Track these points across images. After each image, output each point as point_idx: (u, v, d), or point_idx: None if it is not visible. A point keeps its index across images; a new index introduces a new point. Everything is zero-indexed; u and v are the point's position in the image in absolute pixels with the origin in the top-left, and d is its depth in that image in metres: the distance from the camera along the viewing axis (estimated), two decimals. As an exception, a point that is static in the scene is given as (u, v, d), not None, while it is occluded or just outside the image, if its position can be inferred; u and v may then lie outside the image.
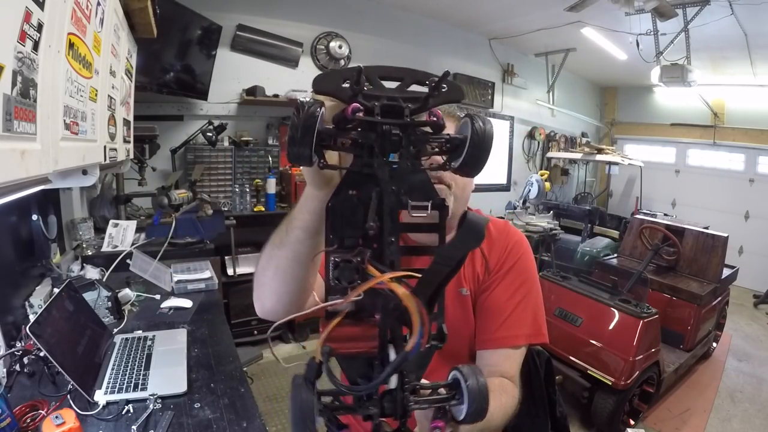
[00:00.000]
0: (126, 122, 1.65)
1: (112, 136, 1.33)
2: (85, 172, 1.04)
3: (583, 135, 6.45)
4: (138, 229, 2.23)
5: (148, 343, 1.28)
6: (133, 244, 2.12)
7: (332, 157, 0.48)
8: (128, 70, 1.66)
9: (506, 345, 0.83)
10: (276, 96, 3.25)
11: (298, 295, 0.65)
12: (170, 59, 2.76)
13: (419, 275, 0.39)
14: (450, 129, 0.53)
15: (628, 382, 2.16)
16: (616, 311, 2.36)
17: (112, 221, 2.18)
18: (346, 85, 0.42)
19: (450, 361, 0.83)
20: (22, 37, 0.58)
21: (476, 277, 0.87)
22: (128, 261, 1.89)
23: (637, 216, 3.89)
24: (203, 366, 1.20)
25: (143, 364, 1.16)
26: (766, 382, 3.01)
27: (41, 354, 1.03)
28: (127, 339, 1.30)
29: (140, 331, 1.38)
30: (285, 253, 0.60)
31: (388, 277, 0.35)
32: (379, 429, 0.39)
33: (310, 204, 0.55)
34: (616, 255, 3.65)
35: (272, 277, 0.64)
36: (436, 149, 0.45)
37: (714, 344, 3.33)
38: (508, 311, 0.84)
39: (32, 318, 1.15)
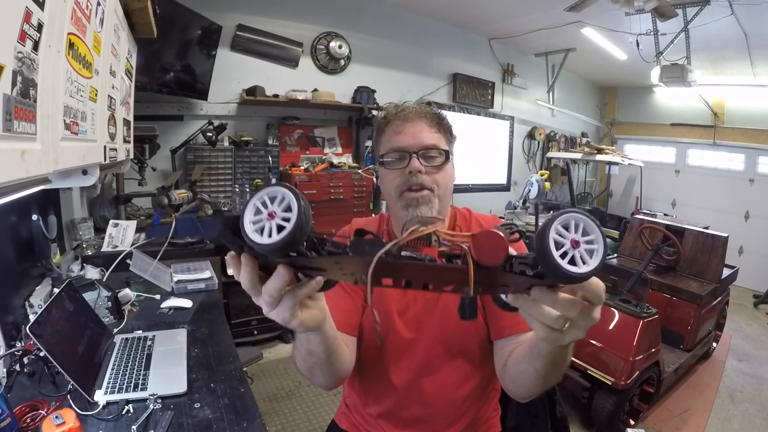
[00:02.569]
0: (126, 122, 1.65)
1: (112, 136, 1.33)
2: (85, 172, 1.04)
3: (583, 135, 6.45)
4: (138, 229, 2.23)
5: (148, 343, 1.28)
6: (133, 244, 2.12)
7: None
8: (128, 70, 1.66)
9: (524, 329, 0.84)
10: (276, 96, 3.25)
11: (342, 364, 0.83)
12: (170, 59, 2.76)
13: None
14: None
15: (628, 382, 2.16)
16: (616, 311, 2.36)
17: (112, 221, 2.18)
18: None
19: (459, 357, 0.91)
20: (22, 37, 0.58)
21: None
22: (128, 261, 1.89)
23: (637, 216, 3.89)
24: (203, 366, 1.20)
25: (143, 364, 1.16)
26: (766, 382, 3.01)
27: (41, 354, 1.03)
28: (127, 339, 1.30)
29: (140, 331, 1.38)
30: (313, 362, 0.74)
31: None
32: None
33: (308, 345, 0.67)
34: (616, 255, 3.65)
35: (318, 376, 0.83)
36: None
37: (714, 344, 3.33)
38: None
39: (32, 318, 1.15)
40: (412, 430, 0.97)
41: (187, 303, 1.63)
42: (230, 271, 0.56)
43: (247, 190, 3.03)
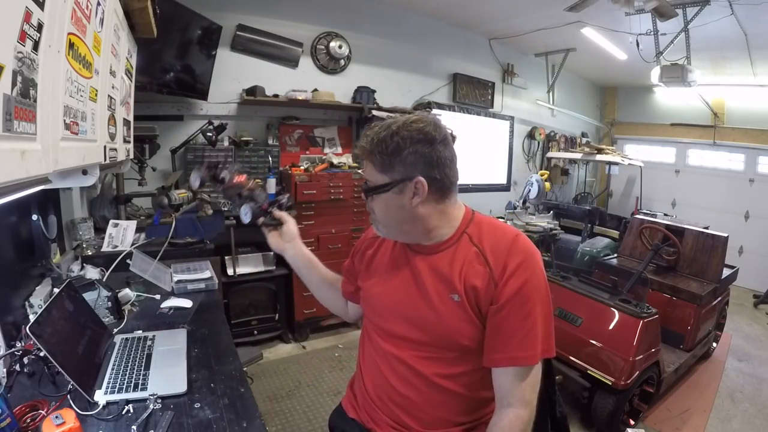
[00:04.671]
0: (126, 122, 1.65)
1: (112, 136, 1.33)
2: (85, 172, 1.04)
3: (583, 135, 6.45)
4: (138, 229, 2.23)
5: (148, 343, 1.28)
6: (133, 244, 2.12)
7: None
8: (128, 70, 1.66)
9: (520, 364, 0.86)
10: (276, 96, 3.25)
11: (334, 297, 1.22)
12: (170, 59, 2.76)
13: None
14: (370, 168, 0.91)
15: (628, 382, 2.16)
16: (616, 311, 2.36)
17: (112, 221, 2.18)
18: None
19: (435, 352, 0.93)
20: (22, 37, 0.58)
21: (475, 289, 0.87)
22: (128, 261, 1.89)
23: (637, 216, 3.89)
24: (203, 366, 1.20)
25: (143, 364, 1.16)
26: (766, 382, 3.01)
27: (41, 354, 1.03)
28: (127, 339, 1.30)
29: (140, 331, 1.38)
30: (307, 282, 1.25)
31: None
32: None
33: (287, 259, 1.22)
34: (616, 255, 3.65)
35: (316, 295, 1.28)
36: None
37: (714, 344, 3.33)
38: (522, 333, 0.85)
39: (32, 318, 1.15)
40: (402, 412, 0.99)
41: (187, 303, 1.63)
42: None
43: (247, 190, 3.02)
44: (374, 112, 3.50)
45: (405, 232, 0.93)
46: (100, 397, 1.01)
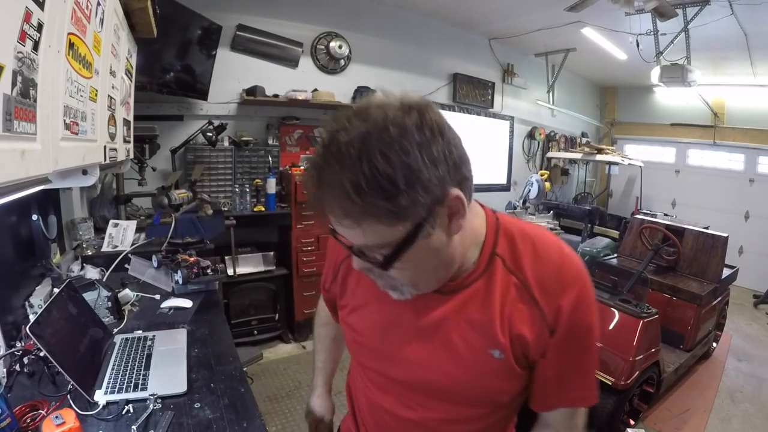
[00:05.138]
0: (126, 122, 1.65)
1: (112, 136, 1.33)
2: (85, 172, 1.04)
3: (583, 135, 6.45)
4: (138, 229, 2.23)
5: (148, 343, 1.28)
6: (133, 244, 2.12)
7: None
8: (128, 70, 1.66)
9: (577, 406, 0.71)
10: (276, 96, 3.25)
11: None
12: (170, 59, 2.76)
13: None
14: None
15: (628, 382, 2.16)
16: (616, 311, 2.36)
17: (112, 221, 2.18)
18: None
19: (459, 412, 0.69)
20: (22, 37, 0.58)
21: (523, 340, 0.63)
22: (126, 266, 1.89)
23: (637, 216, 3.89)
24: (203, 366, 1.20)
25: (143, 364, 1.16)
26: (766, 382, 3.01)
27: (41, 354, 1.03)
28: (127, 339, 1.30)
29: (140, 331, 1.38)
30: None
31: None
32: None
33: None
34: (616, 255, 3.65)
35: None
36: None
37: (714, 344, 3.33)
38: (581, 371, 0.67)
39: (32, 318, 1.15)
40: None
41: (187, 303, 1.63)
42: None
43: (247, 190, 3.03)
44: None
45: (440, 279, 0.62)
46: (100, 397, 1.01)
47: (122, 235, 2.14)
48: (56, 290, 1.22)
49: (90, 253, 2.01)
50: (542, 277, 0.62)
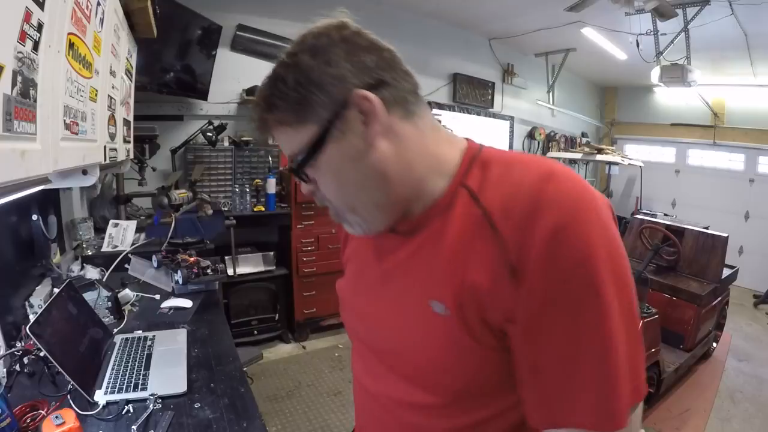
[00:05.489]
0: (126, 122, 1.65)
1: (112, 136, 1.33)
2: (85, 172, 1.04)
3: (583, 135, 6.45)
4: (138, 229, 2.23)
5: (148, 343, 1.28)
6: (133, 244, 2.12)
7: None
8: (128, 70, 1.66)
9: (589, 429, 0.43)
10: (276, 96, 3.25)
11: None
12: (170, 59, 2.76)
13: None
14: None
15: (628, 382, 2.15)
16: (616, 311, 2.35)
17: (112, 221, 2.18)
18: None
19: (410, 384, 0.54)
20: (22, 37, 0.58)
21: (475, 289, 0.46)
22: (126, 266, 1.89)
23: (637, 216, 3.89)
24: (203, 366, 1.20)
25: (143, 364, 1.16)
26: (766, 382, 3.01)
27: (41, 354, 1.03)
28: (127, 339, 1.30)
29: (140, 331, 1.38)
30: None
31: None
32: None
33: None
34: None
35: None
36: None
37: (714, 344, 3.33)
38: (564, 369, 0.43)
39: (32, 318, 1.15)
40: None
41: (187, 303, 1.63)
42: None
43: (247, 190, 3.03)
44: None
45: (381, 206, 0.52)
46: (100, 397, 1.01)
47: (122, 235, 2.14)
48: (56, 290, 1.22)
49: (90, 253, 2.01)
50: (510, 201, 0.45)
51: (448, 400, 0.51)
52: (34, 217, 1.56)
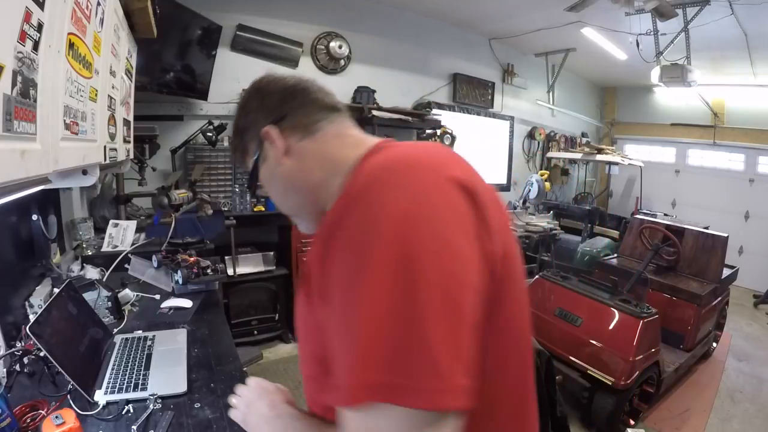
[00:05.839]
0: (126, 122, 1.65)
1: (112, 136, 1.33)
2: (85, 172, 1.04)
3: (583, 135, 6.45)
4: (138, 229, 2.23)
5: (148, 343, 1.28)
6: (133, 244, 2.12)
7: None
8: (128, 70, 1.66)
9: (341, 403, 0.43)
10: (276, 96, 3.25)
11: None
12: (170, 59, 2.76)
13: None
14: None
15: (628, 382, 2.16)
16: (616, 311, 2.36)
17: (112, 221, 2.18)
18: None
19: (308, 358, 0.60)
20: (22, 37, 0.58)
21: (308, 271, 0.57)
22: (126, 266, 1.89)
23: (637, 216, 3.90)
24: (203, 366, 1.21)
25: (143, 364, 1.16)
26: (766, 382, 3.01)
27: (41, 354, 1.03)
28: (127, 339, 1.30)
29: (140, 331, 1.38)
30: None
31: None
32: None
33: None
34: (616, 255, 3.65)
35: None
36: None
37: (714, 344, 3.33)
38: (341, 338, 0.45)
39: (32, 318, 1.15)
40: None
41: (187, 303, 1.63)
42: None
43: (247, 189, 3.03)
44: (374, 112, 3.50)
45: (308, 210, 0.64)
46: (100, 397, 1.01)
47: (122, 235, 2.14)
48: (56, 290, 1.22)
49: (90, 253, 2.01)
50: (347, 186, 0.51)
51: (320, 369, 0.52)
52: (34, 217, 1.56)
